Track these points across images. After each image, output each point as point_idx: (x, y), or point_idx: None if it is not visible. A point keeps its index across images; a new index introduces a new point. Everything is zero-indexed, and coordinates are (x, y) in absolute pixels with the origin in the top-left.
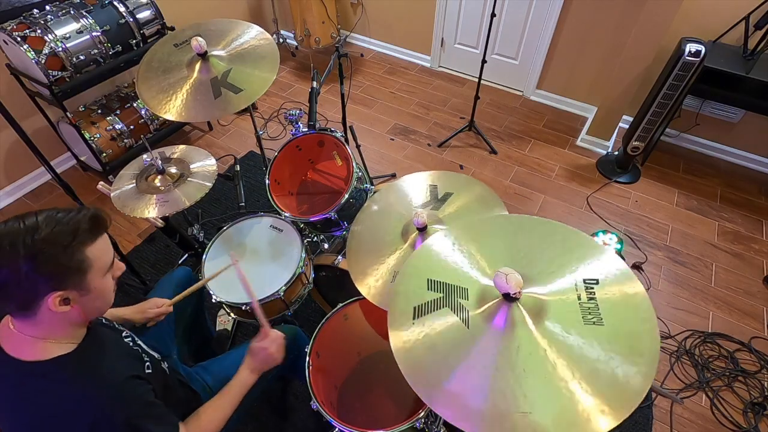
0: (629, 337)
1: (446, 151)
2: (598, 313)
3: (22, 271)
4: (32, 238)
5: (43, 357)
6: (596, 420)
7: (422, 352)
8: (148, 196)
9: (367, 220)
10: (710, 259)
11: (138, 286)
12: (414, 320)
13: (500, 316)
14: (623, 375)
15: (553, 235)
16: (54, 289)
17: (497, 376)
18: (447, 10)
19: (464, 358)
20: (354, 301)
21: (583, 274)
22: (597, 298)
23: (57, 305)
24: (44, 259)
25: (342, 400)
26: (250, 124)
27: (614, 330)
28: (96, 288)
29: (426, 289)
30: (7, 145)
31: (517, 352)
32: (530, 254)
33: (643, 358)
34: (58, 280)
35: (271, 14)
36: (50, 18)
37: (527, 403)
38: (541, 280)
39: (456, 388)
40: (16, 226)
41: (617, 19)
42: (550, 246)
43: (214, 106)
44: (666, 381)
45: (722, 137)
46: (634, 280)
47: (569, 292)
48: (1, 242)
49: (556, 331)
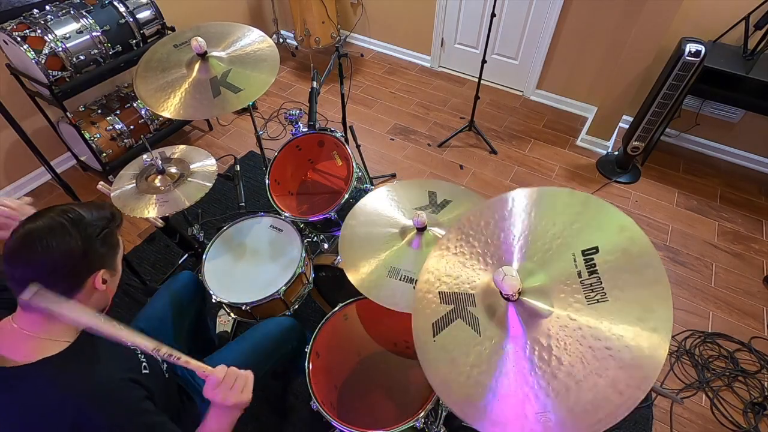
0: (637, 303)
1: (446, 151)
2: (601, 288)
3: (77, 254)
4: (81, 221)
5: (32, 358)
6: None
7: (446, 366)
8: (148, 196)
9: (361, 216)
10: (710, 259)
11: (138, 286)
12: (434, 338)
13: (512, 317)
14: (637, 346)
15: (541, 203)
16: (102, 267)
17: (518, 379)
18: (447, 10)
19: (496, 369)
20: (354, 301)
21: (581, 245)
22: (598, 271)
23: (100, 283)
24: (95, 240)
25: (342, 400)
26: (250, 124)
27: (620, 302)
28: (118, 270)
29: (440, 302)
30: (7, 145)
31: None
32: (524, 236)
33: (655, 314)
34: (106, 259)
35: (271, 14)
36: (50, 18)
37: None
38: (540, 264)
39: (501, 402)
40: (59, 218)
41: (617, 19)
42: (542, 218)
43: (213, 105)
44: (666, 381)
45: (722, 137)
46: (635, 231)
47: (569, 271)
48: (53, 229)
49: (563, 316)
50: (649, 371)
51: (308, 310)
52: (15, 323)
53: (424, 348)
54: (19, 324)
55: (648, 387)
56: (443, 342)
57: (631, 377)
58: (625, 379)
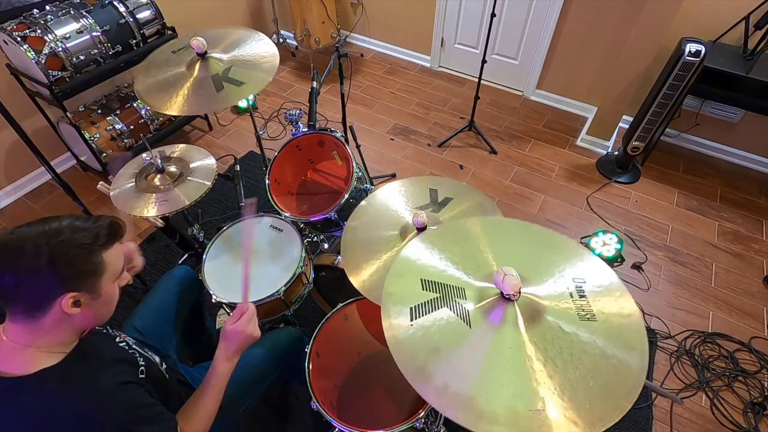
0: (620, 329)
1: (446, 151)
2: (591, 310)
3: (42, 272)
4: (56, 240)
5: (29, 370)
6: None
7: (418, 345)
8: (147, 195)
9: (363, 217)
10: (710, 259)
11: (138, 286)
12: (412, 322)
13: (497, 312)
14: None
15: (535, 236)
16: (69, 290)
17: (485, 368)
18: (447, 10)
19: (456, 349)
20: (354, 301)
21: (572, 273)
22: (587, 297)
23: (69, 306)
24: (65, 261)
25: (342, 400)
26: (250, 124)
27: (607, 324)
28: (105, 293)
29: (421, 289)
30: (7, 145)
31: (506, 349)
32: (518, 256)
33: (636, 351)
34: (75, 282)
35: (271, 14)
36: (50, 18)
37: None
38: (535, 280)
39: (446, 375)
40: (40, 228)
41: (617, 19)
42: (535, 248)
43: (217, 99)
44: (666, 381)
45: (722, 137)
46: (614, 281)
47: (563, 291)
48: (24, 244)
49: (554, 328)
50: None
51: (308, 310)
52: (4, 335)
53: (396, 330)
54: (9, 336)
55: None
56: (425, 329)
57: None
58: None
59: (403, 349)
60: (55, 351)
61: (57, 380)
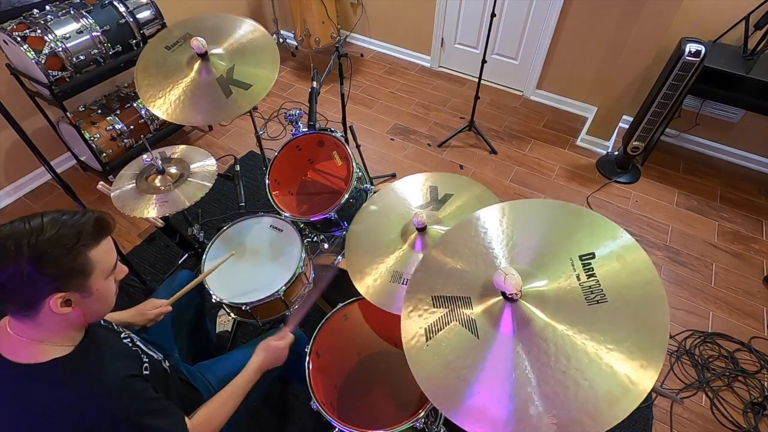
0: (636, 305)
1: (446, 151)
2: (600, 290)
3: (25, 272)
4: (37, 239)
5: (40, 359)
6: (641, 377)
7: (440, 370)
8: (148, 196)
9: (366, 220)
10: (710, 259)
11: (138, 286)
12: (427, 343)
13: (506, 318)
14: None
15: (536, 214)
16: (56, 291)
17: (517, 381)
18: (447, 10)
19: (480, 370)
20: (354, 301)
21: (577, 251)
22: (596, 275)
23: (59, 306)
24: (48, 260)
25: (342, 400)
26: (250, 124)
27: (619, 302)
28: (98, 290)
29: (432, 306)
30: (7, 145)
31: (530, 352)
32: (520, 242)
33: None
34: (61, 282)
35: (271, 14)
36: (50, 18)
37: (550, 403)
38: (538, 268)
39: (478, 402)
40: (21, 227)
41: (617, 19)
42: (537, 228)
43: (229, 106)
44: (666, 381)
45: (722, 137)
46: (631, 244)
47: (569, 275)
48: (5, 243)
49: (561, 320)
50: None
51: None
52: (10, 330)
53: (416, 354)
54: (14, 331)
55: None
56: (437, 347)
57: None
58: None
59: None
60: (61, 344)
61: (68, 370)
